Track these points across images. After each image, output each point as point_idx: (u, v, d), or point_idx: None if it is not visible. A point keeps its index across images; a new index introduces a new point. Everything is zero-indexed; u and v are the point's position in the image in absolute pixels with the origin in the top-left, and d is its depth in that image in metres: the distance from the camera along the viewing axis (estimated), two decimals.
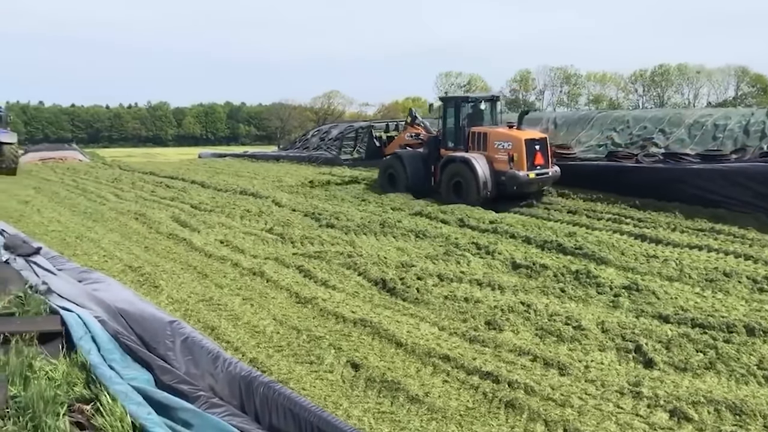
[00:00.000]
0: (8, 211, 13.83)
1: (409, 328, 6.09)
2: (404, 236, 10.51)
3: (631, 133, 19.19)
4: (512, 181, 13.92)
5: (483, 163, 14.37)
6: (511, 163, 14.01)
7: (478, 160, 14.41)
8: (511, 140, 14.33)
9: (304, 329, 6.10)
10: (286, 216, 12.71)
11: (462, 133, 15.42)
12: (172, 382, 3.43)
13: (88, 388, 3.36)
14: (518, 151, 14.02)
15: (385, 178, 17.15)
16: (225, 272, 8.31)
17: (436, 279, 7.81)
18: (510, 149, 14.18)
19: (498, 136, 14.63)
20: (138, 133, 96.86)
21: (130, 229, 11.59)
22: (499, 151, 14.39)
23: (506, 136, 14.52)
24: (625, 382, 4.93)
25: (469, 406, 4.58)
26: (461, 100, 16.15)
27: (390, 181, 16.88)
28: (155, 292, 7.32)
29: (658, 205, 13.02)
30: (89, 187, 19.01)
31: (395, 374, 5.03)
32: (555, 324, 6.16)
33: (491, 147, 14.60)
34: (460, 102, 15.94)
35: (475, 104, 16.02)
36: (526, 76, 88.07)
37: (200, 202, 14.63)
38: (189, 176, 21.57)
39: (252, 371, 3.42)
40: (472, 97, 16.66)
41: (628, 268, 8.32)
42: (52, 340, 4.01)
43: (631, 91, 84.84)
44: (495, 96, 17.10)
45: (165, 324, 4.08)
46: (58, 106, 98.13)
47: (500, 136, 14.59)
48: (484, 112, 15.99)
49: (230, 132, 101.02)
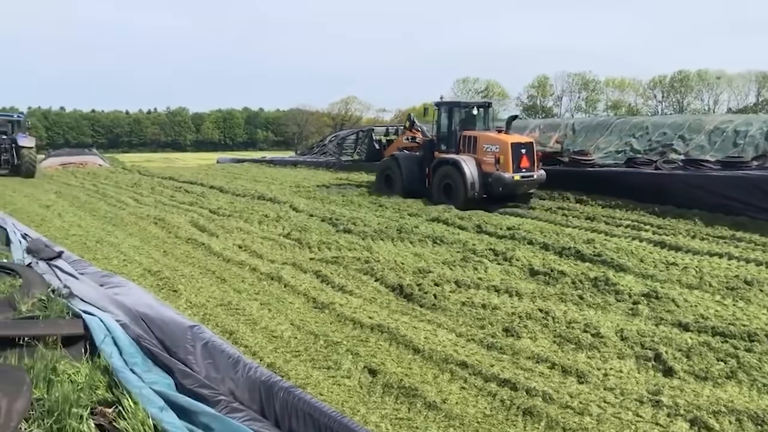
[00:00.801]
0: (30, 215, 14.01)
1: (426, 335, 6.08)
2: (421, 242, 10.51)
3: (651, 139, 19.08)
4: (498, 182, 14.72)
5: (472, 165, 15.20)
6: (498, 165, 14.87)
7: (467, 162, 15.24)
8: (498, 144, 15.10)
9: (321, 334, 6.11)
10: (304, 221, 12.77)
11: (454, 137, 16.25)
12: (193, 386, 3.44)
13: (110, 391, 3.40)
14: (504, 154, 14.83)
15: (382, 179, 18.02)
16: (243, 277, 8.36)
17: (454, 285, 7.80)
18: (497, 152, 15.01)
19: (487, 140, 15.42)
20: (157, 139, 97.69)
21: (150, 233, 11.69)
22: (487, 154, 15.23)
23: (494, 140, 15.29)
24: (645, 390, 4.89)
25: (486, 413, 4.56)
26: (454, 105, 17.00)
27: (387, 182, 17.74)
28: (174, 297, 7.37)
29: (677, 212, 12.94)
30: (109, 191, 19.21)
31: (412, 380, 5.02)
32: (573, 331, 6.12)
33: (480, 150, 15.43)
34: (453, 107, 16.79)
35: (468, 109, 16.77)
36: (544, 82, 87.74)
37: (219, 207, 14.73)
38: (207, 181, 21.73)
39: (272, 376, 3.43)
40: (464, 102, 17.59)
41: (648, 276, 8.25)
42: (75, 344, 4.06)
43: (650, 97, 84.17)
44: (487, 102, 17.75)
45: (185, 328, 4.11)
46: (78, 111, 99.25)
47: (489, 140, 15.38)
48: (476, 117, 16.66)
49: (248, 137, 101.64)
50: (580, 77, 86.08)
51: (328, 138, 36.18)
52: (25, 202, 16.76)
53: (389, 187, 17.54)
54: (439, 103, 17.26)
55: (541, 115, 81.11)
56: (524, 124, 26.87)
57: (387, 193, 17.11)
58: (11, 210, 14.28)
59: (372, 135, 20.75)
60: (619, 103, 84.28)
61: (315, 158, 31.23)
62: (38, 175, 25.90)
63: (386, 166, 18.03)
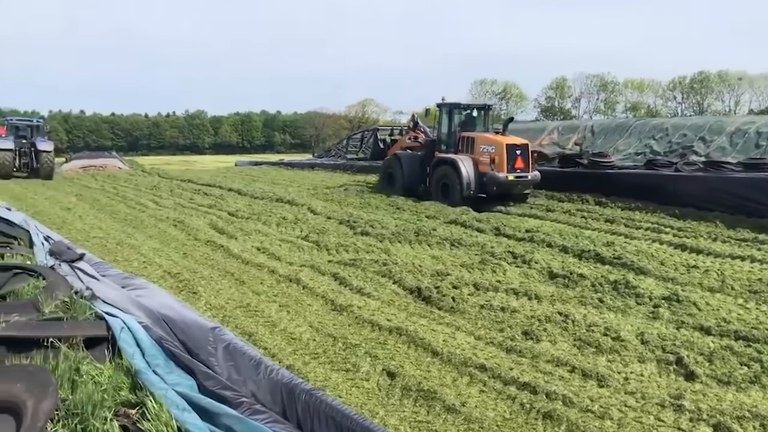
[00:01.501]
0: (51, 217, 14.18)
1: (444, 337, 6.07)
2: (439, 244, 10.49)
3: (670, 141, 18.93)
4: (492, 181, 15.32)
5: (468, 165, 15.77)
6: (492, 166, 15.45)
7: (463, 161, 15.82)
8: (494, 144, 15.69)
9: (339, 337, 6.12)
10: (322, 223, 12.80)
11: (453, 138, 16.83)
12: (215, 387, 3.46)
13: (133, 392, 3.43)
14: (499, 155, 15.40)
15: (385, 177, 18.73)
16: (262, 279, 8.39)
17: (472, 288, 7.78)
18: (492, 153, 15.59)
19: (483, 141, 16.02)
20: (176, 141, 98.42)
21: (169, 235, 11.79)
22: (483, 154, 15.81)
23: (490, 141, 15.89)
24: (666, 394, 4.84)
25: (506, 416, 4.54)
26: (454, 106, 17.37)
27: (389, 180, 18.42)
28: (194, 298, 7.42)
29: (698, 214, 12.80)
30: (129, 194, 19.39)
31: (431, 383, 5.00)
32: (593, 335, 6.08)
33: (477, 150, 16.01)
34: (452, 109, 17.27)
35: (468, 111, 17.48)
36: (562, 84, 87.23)
37: (237, 210, 14.81)
38: (226, 184, 21.86)
39: (294, 378, 3.44)
40: (464, 104, 17.89)
41: (668, 279, 8.17)
42: (98, 345, 4.10)
43: (670, 98, 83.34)
44: (487, 105, 18.25)
45: (207, 330, 4.14)
46: (98, 114, 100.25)
47: (485, 141, 15.98)
48: (476, 118, 17.40)
49: (266, 140, 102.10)
50: (599, 78, 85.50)
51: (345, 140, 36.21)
52: (46, 205, 16.97)
53: (391, 185, 18.15)
54: (440, 105, 17.68)
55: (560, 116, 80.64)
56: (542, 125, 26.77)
57: (389, 191, 17.71)
58: (33, 212, 14.46)
59: (377, 135, 21.67)
60: (638, 105, 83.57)
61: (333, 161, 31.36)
62: (56, 177, 26.46)
63: (389, 165, 18.63)
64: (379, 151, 20.76)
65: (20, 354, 3.91)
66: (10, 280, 5.68)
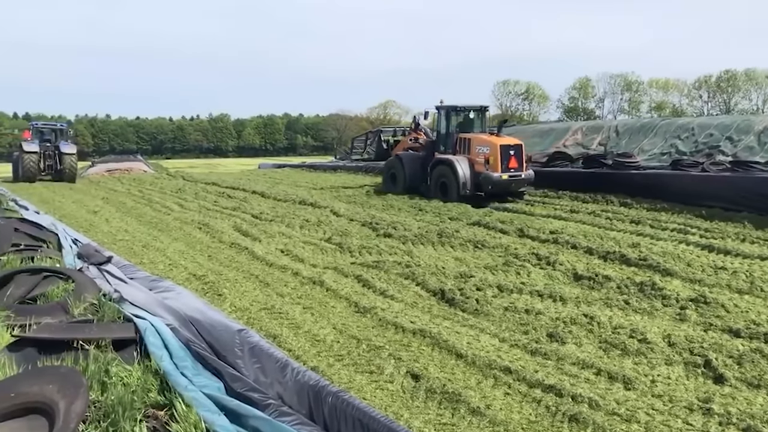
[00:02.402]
0: (79, 220, 14.39)
1: (469, 340, 6.05)
2: (462, 246, 10.46)
3: (696, 141, 18.67)
4: (486, 180, 16.10)
5: (465, 164, 16.59)
6: (487, 166, 16.20)
7: (460, 162, 16.65)
8: (489, 145, 16.43)
9: (363, 339, 6.13)
10: (344, 226, 12.84)
11: (451, 139, 17.59)
12: (243, 389, 3.48)
13: (162, 394, 3.47)
14: (494, 155, 16.15)
15: (388, 177, 19.57)
16: (286, 281, 8.44)
17: (496, 290, 7.74)
18: (487, 153, 16.33)
19: (479, 142, 16.80)
20: (200, 145, 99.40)
21: (194, 238, 11.90)
22: (479, 155, 16.55)
23: (485, 142, 16.64)
24: (695, 398, 4.78)
25: (531, 419, 4.51)
26: (452, 109, 18.06)
27: (392, 179, 19.26)
28: (219, 300, 7.48)
29: (725, 215, 12.60)
30: (154, 197, 19.61)
31: (456, 386, 4.99)
32: (619, 337, 6.02)
33: (473, 151, 16.79)
34: (450, 111, 18.00)
35: (465, 113, 18.18)
36: (586, 84, 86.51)
37: (261, 212, 14.91)
38: (250, 186, 22.00)
39: (320, 380, 3.45)
40: (461, 106, 18.39)
41: (695, 280, 8.06)
42: (126, 347, 4.16)
43: (696, 97, 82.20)
44: (483, 106, 18.77)
45: (233, 332, 4.18)
46: (123, 118, 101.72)
47: (481, 142, 16.75)
48: (473, 120, 18.16)
49: (288, 143, 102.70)
50: (623, 78, 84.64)
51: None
52: (73, 208, 17.24)
53: (394, 184, 19.01)
54: (439, 107, 18.34)
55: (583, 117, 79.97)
56: (566, 126, 26.57)
57: (392, 190, 18.71)
58: (61, 216, 14.70)
59: (380, 136, 22.59)
60: (663, 104, 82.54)
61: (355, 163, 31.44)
62: (83, 180, 27.09)
63: (391, 165, 19.44)
64: (382, 152, 21.65)
65: (51, 356, 3.98)
66: (41, 283, 5.78)
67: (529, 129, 27.74)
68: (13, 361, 3.86)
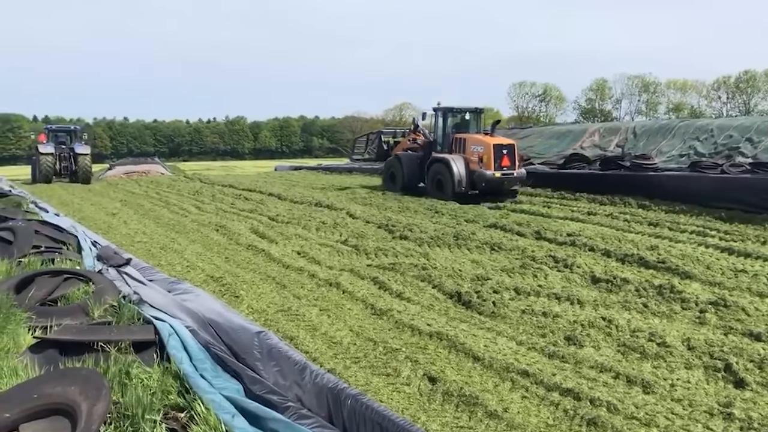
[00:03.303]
0: (97, 223, 14.53)
1: (486, 342, 6.04)
2: (479, 249, 10.44)
3: (716, 142, 18.47)
4: (480, 178, 16.94)
5: (460, 163, 17.42)
6: (481, 164, 17.05)
7: (455, 160, 17.49)
8: (482, 144, 17.27)
9: (380, 341, 6.13)
10: (360, 228, 12.86)
11: (448, 139, 18.43)
12: (262, 392, 3.49)
13: (182, 396, 3.49)
14: (487, 154, 16.96)
15: (388, 176, 20.64)
16: (302, 283, 8.47)
17: (513, 292, 7.72)
18: (481, 152, 17.17)
19: (473, 141, 17.64)
20: (216, 147, 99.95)
21: (211, 240, 11.98)
22: (473, 154, 17.38)
23: (479, 141, 17.50)
24: (715, 402, 4.73)
25: (549, 423, 4.50)
26: (448, 110, 18.93)
27: (391, 178, 20.30)
28: (236, 302, 7.52)
29: (745, 217, 12.47)
30: (172, 199, 19.75)
31: (473, 389, 4.98)
32: (638, 340, 5.98)
33: (468, 150, 17.60)
34: (447, 112, 18.87)
35: (461, 114, 19.12)
36: (603, 85, 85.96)
37: (277, 214, 14.97)
38: (266, 189, 22.10)
39: (339, 383, 3.45)
40: (457, 108, 19.22)
41: (715, 283, 7.98)
42: (146, 349, 4.19)
43: (714, 98, 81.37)
44: (478, 108, 19.44)
45: (252, 334, 4.19)
46: (141, 121, 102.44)
47: (475, 141, 17.60)
48: (468, 121, 19.08)
49: (304, 145, 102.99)
50: (640, 79, 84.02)
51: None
52: (92, 210, 17.41)
53: (393, 183, 20.06)
54: (436, 109, 19.18)
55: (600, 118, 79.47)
56: (583, 127, 26.41)
57: (392, 189, 19.80)
58: (80, 218, 14.86)
59: (381, 137, 23.19)
60: (681, 106, 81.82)
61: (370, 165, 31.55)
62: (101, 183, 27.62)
63: (391, 165, 20.50)
64: (383, 152, 22.36)
65: (72, 357, 4.02)
66: (61, 285, 5.83)
67: (546, 130, 27.61)
68: (35, 363, 3.90)
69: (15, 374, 3.71)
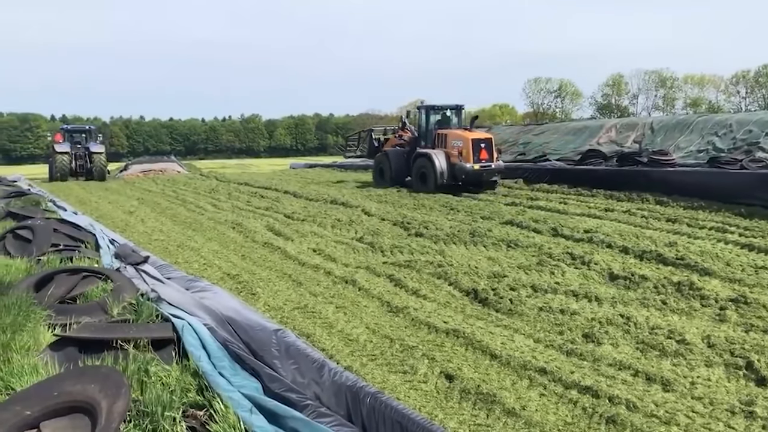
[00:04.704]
0: (115, 221, 14.65)
1: (503, 340, 6.01)
2: (495, 246, 10.39)
3: (735, 137, 18.25)
4: (460, 171, 18.08)
5: (442, 157, 18.53)
6: (461, 157, 18.15)
7: (437, 155, 18.62)
8: (461, 139, 18.37)
9: (396, 338, 6.12)
10: (376, 225, 12.85)
11: (431, 135, 19.63)
12: (280, 390, 3.49)
13: (200, 394, 3.50)
14: (466, 148, 18.06)
15: (377, 172, 21.81)
16: (318, 280, 8.48)
17: (530, 290, 7.67)
18: (460, 146, 18.26)
19: (454, 136, 18.77)
20: (232, 145, 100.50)
21: (228, 238, 12.03)
22: (453, 148, 18.47)
23: (459, 136, 18.59)
24: (736, 400, 4.67)
25: (567, 420, 4.46)
26: (431, 108, 20.40)
27: (380, 173, 21.46)
28: (253, 300, 7.54)
29: (765, 212, 12.30)
30: (188, 197, 19.86)
31: (490, 386, 4.96)
32: (657, 338, 5.92)
33: (449, 145, 18.70)
34: (430, 110, 20.28)
35: (443, 112, 20.38)
36: (619, 81, 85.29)
37: (293, 212, 15.00)
38: (281, 186, 22.15)
39: (358, 381, 3.45)
40: (439, 106, 20.68)
41: (735, 280, 7.88)
42: (165, 347, 4.21)
43: (733, 93, 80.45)
44: (459, 105, 20.69)
45: (270, 332, 4.20)
46: (157, 120, 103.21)
47: (455, 136, 18.72)
48: (450, 118, 20.35)
49: (319, 143, 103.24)
50: (657, 74, 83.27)
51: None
52: (109, 209, 17.55)
53: (382, 178, 21.18)
54: (419, 107, 20.85)
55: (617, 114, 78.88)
56: (600, 123, 26.21)
57: (381, 184, 20.89)
58: (97, 216, 14.99)
59: (371, 135, 24.11)
60: (698, 101, 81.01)
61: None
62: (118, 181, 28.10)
63: (380, 161, 21.68)
64: (373, 149, 23.26)
65: (92, 355, 4.05)
66: (80, 283, 5.89)
67: (562, 127, 27.43)
68: (55, 360, 3.94)
69: (35, 372, 3.75)
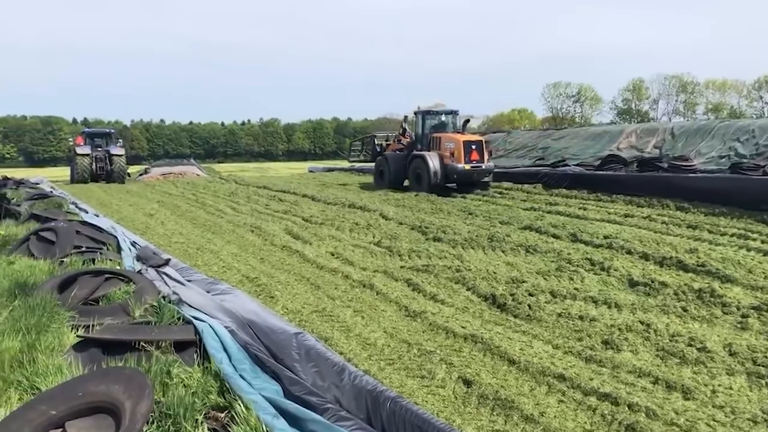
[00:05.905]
0: (135, 223, 14.79)
1: (521, 346, 5.99)
2: (513, 251, 10.35)
3: (758, 143, 18.04)
4: (452, 171, 19.27)
5: (435, 159, 19.71)
6: (453, 158, 19.32)
7: (431, 156, 19.80)
8: (453, 141, 19.60)
9: (414, 343, 6.13)
10: (394, 229, 12.86)
11: (426, 138, 20.79)
12: (301, 393, 3.52)
13: (222, 396, 3.54)
14: (458, 149, 19.22)
15: (377, 174, 23.08)
16: (336, 284, 8.50)
17: (549, 296, 7.64)
18: (453, 148, 19.45)
19: (447, 139, 19.99)
20: (251, 149, 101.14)
21: (247, 241, 12.10)
22: (446, 150, 19.66)
23: (451, 139, 19.83)
24: (758, 409, 4.63)
25: (586, 428, 4.44)
26: (427, 113, 21.45)
27: (380, 176, 22.69)
28: (271, 303, 7.58)
29: None
30: (208, 200, 20.00)
31: (508, 392, 4.95)
32: (677, 345, 5.87)
33: (442, 147, 19.94)
34: (426, 115, 21.35)
35: (438, 116, 21.46)
36: (639, 85, 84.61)
37: (311, 216, 15.05)
38: (300, 190, 22.23)
39: (378, 385, 3.46)
40: (435, 111, 21.80)
41: (757, 287, 7.79)
42: (186, 349, 4.26)
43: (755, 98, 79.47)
44: (454, 110, 21.78)
45: (290, 335, 4.23)
46: (177, 123, 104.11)
47: (448, 139, 19.94)
48: (445, 122, 21.37)
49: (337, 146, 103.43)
50: (678, 79, 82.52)
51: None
52: (130, 211, 17.73)
53: (382, 180, 22.34)
54: (416, 112, 21.65)
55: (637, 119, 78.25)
56: (619, 128, 26.03)
57: (381, 185, 22.04)
58: (118, 218, 15.14)
59: (374, 140, 25.43)
60: (720, 106, 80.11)
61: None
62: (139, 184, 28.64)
63: (380, 164, 22.90)
64: (376, 153, 24.28)
65: (114, 356, 4.11)
66: (103, 285, 5.96)
67: (582, 131, 27.27)
68: (78, 361, 3.99)
69: (60, 372, 3.81)
